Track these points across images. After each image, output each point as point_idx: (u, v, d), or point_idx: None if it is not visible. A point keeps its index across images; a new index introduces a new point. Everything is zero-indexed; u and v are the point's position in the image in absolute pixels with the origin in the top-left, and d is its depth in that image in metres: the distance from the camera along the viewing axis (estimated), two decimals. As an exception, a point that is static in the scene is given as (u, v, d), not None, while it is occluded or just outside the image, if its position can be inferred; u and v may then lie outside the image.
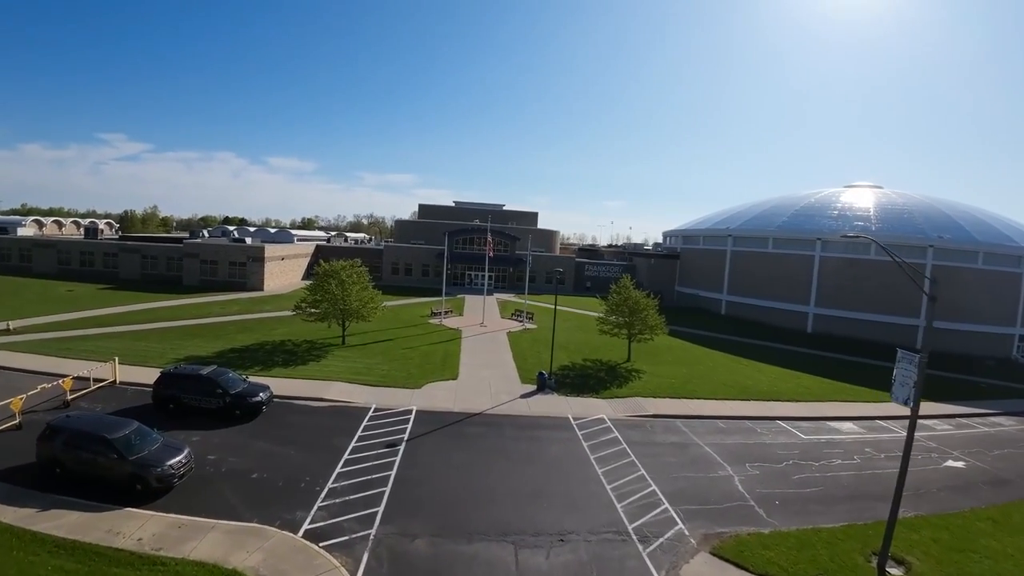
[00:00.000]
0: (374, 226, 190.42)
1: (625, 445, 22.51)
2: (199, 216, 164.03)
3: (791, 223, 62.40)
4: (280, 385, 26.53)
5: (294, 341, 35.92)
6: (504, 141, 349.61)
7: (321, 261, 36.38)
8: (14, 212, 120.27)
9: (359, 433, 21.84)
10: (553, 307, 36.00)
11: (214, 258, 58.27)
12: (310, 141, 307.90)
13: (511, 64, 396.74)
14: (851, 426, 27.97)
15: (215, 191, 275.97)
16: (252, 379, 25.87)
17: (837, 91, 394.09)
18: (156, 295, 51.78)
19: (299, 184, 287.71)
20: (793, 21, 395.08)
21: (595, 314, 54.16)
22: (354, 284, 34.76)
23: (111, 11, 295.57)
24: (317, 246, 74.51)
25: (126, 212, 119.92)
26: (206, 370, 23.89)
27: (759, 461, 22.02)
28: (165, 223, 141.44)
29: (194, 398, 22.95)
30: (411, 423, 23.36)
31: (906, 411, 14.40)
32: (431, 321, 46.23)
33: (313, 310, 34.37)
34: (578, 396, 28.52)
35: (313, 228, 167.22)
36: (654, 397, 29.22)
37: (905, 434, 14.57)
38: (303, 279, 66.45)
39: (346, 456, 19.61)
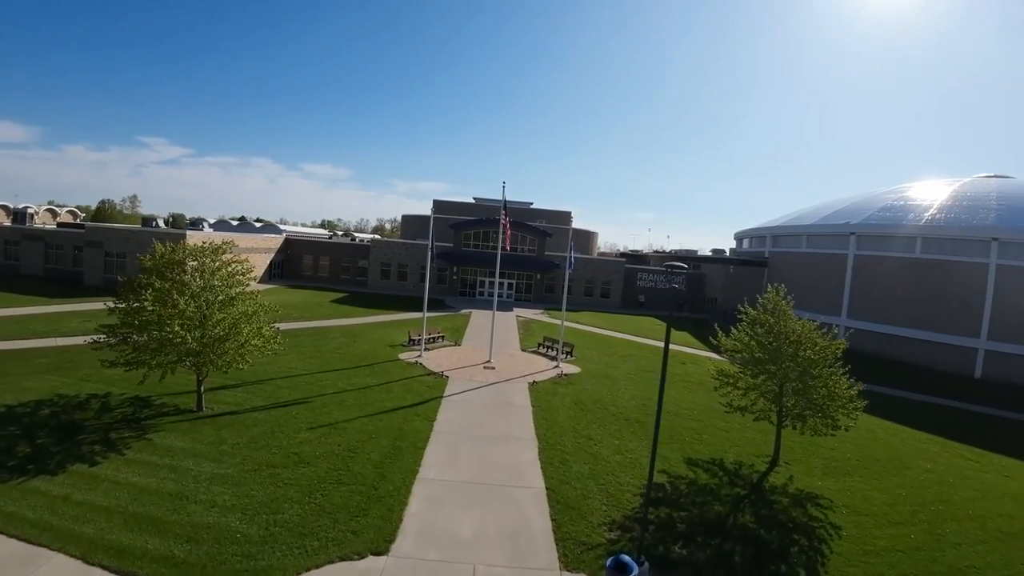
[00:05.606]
0: (396, 230, 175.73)
1: None
2: (227, 218, 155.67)
3: (945, 218, 42.77)
4: None
5: (114, 397, 18.57)
6: (531, 144, 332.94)
7: (157, 246, 17.62)
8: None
9: None
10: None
11: (121, 249, 41.59)
12: (344, 148, 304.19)
13: (538, 66, 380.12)
14: None
15: (251, 196, 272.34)
16: None
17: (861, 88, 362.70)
18: (29, 298, 35.99)
19: (333, 190, 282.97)
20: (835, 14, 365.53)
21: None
22: (210, 296, 16.51)
23: (157, 11, 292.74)
24: (286, 239, 57.61)
25: (103, 203, 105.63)
26: None
27: None
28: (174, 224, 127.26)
29: None
30: None
31: None
32: (402, 356, 27.47)
33: (124, 348, 16.13)
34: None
35: (335, 230, 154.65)
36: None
37: None
38: (259, 281, 49.91)
39: None
